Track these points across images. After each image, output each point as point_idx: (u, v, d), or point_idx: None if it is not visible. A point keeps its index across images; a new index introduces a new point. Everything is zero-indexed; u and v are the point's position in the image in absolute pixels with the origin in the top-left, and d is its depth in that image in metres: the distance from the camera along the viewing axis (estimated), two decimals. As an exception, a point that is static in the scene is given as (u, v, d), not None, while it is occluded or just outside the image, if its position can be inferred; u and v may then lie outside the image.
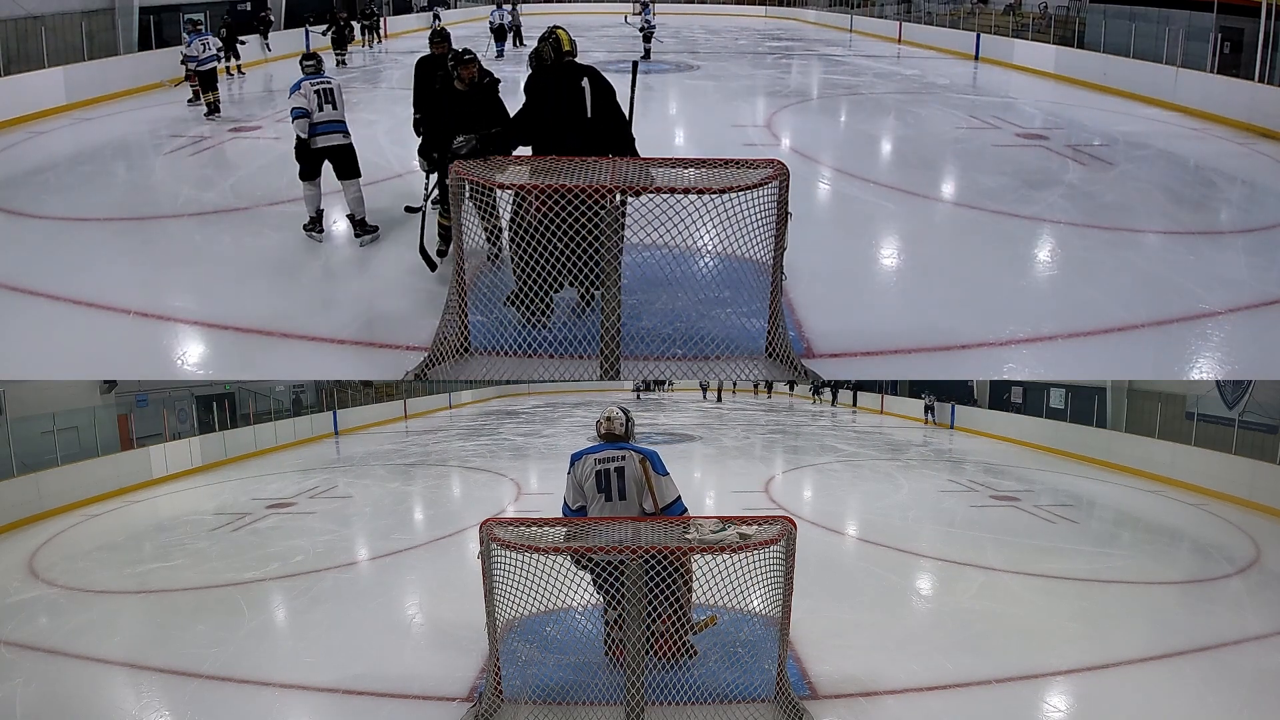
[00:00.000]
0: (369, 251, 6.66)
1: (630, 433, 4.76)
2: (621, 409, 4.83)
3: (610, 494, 4.52)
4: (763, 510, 9.22)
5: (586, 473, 4.56)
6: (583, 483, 4.58)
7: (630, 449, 4.59)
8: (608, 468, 4.53)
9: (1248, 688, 4.96)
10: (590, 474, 4.55)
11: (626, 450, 4.58)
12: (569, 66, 5.05)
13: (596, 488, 4.53)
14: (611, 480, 4.52)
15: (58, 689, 4.98)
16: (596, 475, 4.54)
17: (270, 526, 9.52)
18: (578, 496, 4.60)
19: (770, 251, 4.51)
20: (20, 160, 9.90)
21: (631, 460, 4.53)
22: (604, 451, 4.59)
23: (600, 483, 4.53)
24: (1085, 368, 6.13)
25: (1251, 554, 8.22)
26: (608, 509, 4.52)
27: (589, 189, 4.12)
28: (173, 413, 15.09)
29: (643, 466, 4.50)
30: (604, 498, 4.53)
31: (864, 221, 7.72)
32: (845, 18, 29.86)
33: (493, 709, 4.24)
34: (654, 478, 4.49)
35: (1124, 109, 13.87)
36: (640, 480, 4.51)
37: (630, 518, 4.41)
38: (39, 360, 5.20)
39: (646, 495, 4.49)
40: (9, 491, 10.15)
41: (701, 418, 22.99)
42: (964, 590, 6.91)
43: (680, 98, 14.79)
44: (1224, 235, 7.57)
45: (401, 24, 26.44)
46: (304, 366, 5.48)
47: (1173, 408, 13.71)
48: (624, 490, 4.51)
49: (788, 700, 4.27)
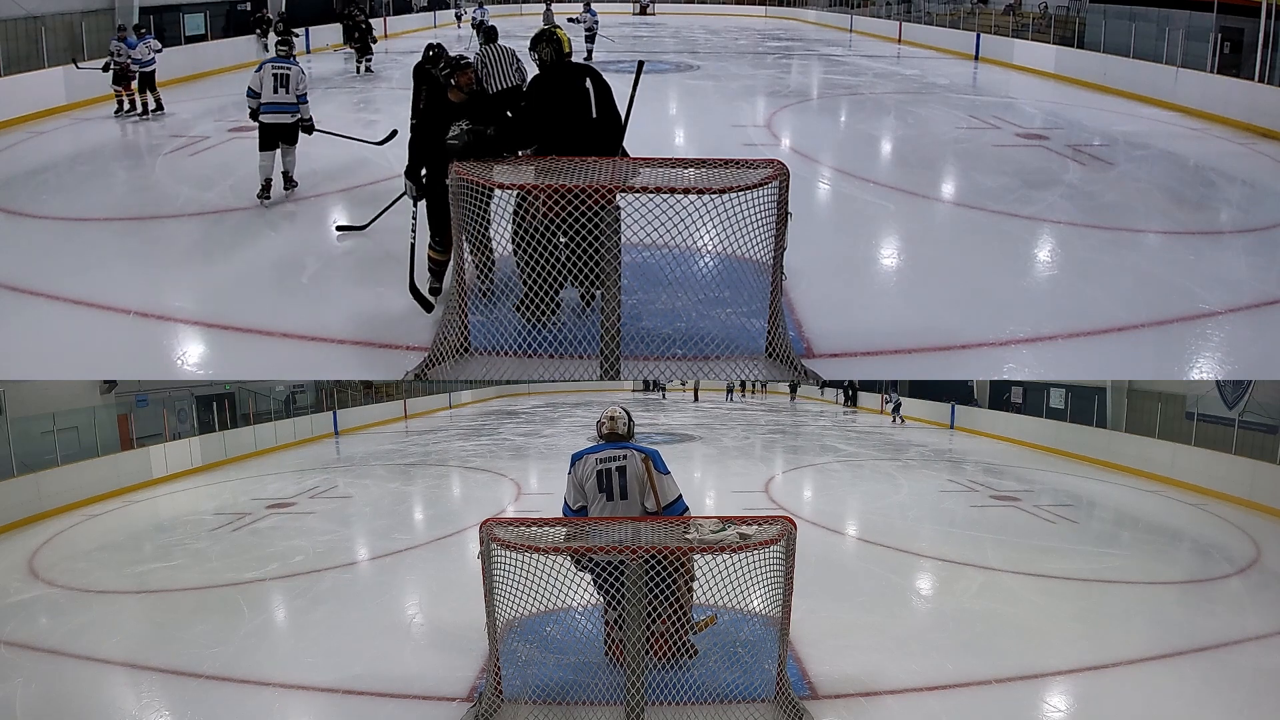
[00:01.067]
0: (369, 252, 6.66)
1: (632, 432, 4.76)
2: (623, 409, 4.83)
3: (612, 493, 4.51)
4: (763, 510, 9.22)
5: (588, 472, 4.56)
6: (583, 482, 4.57)
7: (632, 448, 4.59)
8: (609, 467, 4.53)
9: (1248, 688, 4.96)
10: (591, 473, 4.54)
11: (628, 449, 4.58)
12: (570, 67, 5.05)
13: (598, 487, 4.53)
14: (613, 479, 4.51)
15: (58, 689, 4.98)
16: (598, 475, 4.53)
17: (270, 526, 9.52)
18: (578, 496, 4.60)
19: (770, 251, 4.51)
20: (20, 160, 9.91)
21: (634, 459, 4.53)
22: (605, 451, 4.59)
23: (602, 482, 4.52)
24: (1085, 368, 6.13)
25: (1251, 554, 8.22)
26: (609, 508, 4.51)
27: (596, 189, 4.12)
28: (173, 413, 15.09)
29: (645, 465, 4.50)
30: (605, 497, 4.52)
31: (864, 221, 7.72)
32: (845, 18, 29.86)
33: (493, 709, 4.24)
34: (656, 476, 4.49)
35: (1124, 109, 13.87)
36: (642, 479, 4.50)
37: (632, 517, 4.41)
38: (39, 360, 5.20)
39: (648, 494, 4.48)
40: (9, 491, 10.14)
41: (701, 418, 22.98)
42: (964, 590, 6.91)
43: (680, 98, 14.78)
44: (1224, 235, 7.57)
45: (401, 24, 26.45)
46: (304, 366, 5.48)
47: (1173, 408, 13.71)
48: (625, 489, 4.51)
49: (788, 700, 4.27)
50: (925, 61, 20.20)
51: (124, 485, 12.25)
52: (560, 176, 4.31)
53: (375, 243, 6.84)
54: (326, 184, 8.57)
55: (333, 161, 9.18)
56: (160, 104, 12.67)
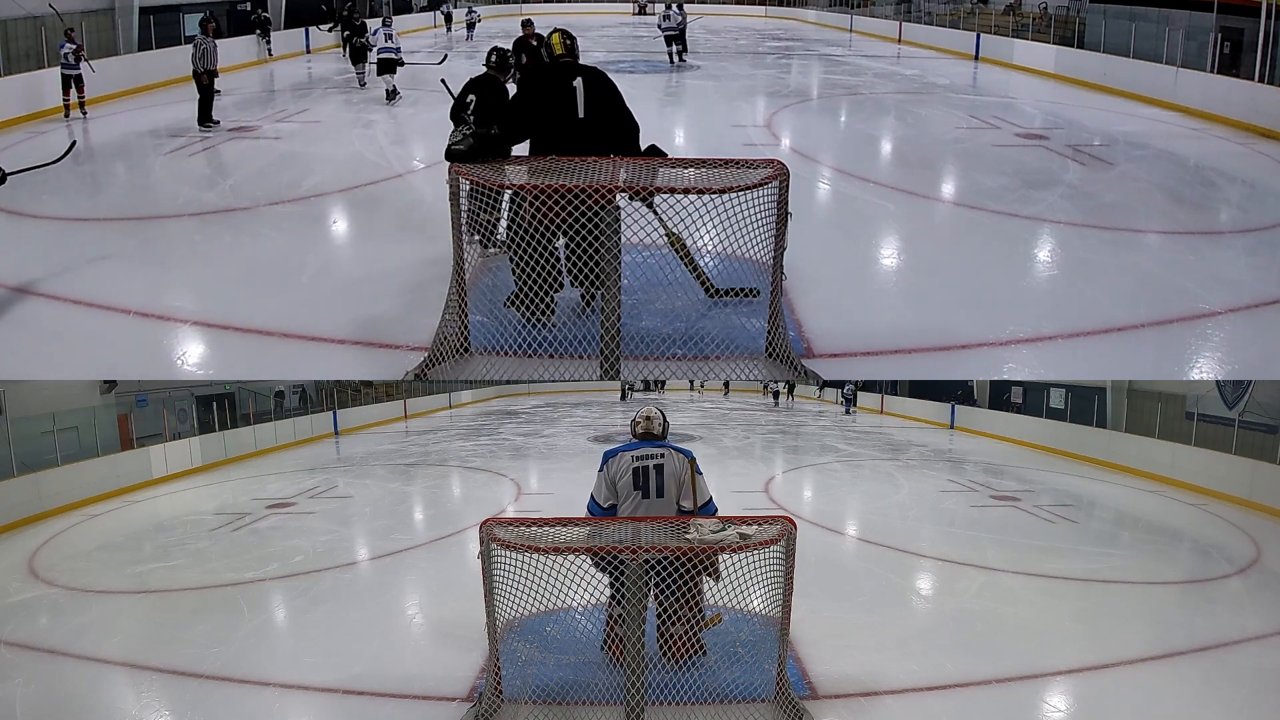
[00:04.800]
0: (369, 252, 6.66)
1: (666, 433, 4.79)
2: (659, 409, 4.86)
3: (648, 491, 4.52)
4: (763, 510, 9.21)
5: (622, 469, 4.55)
6: (617, 480, 4.56)
7: (670, 447, 4.62)
8: (646, 464, 4.54)
9: (1248, 688, 4.96)
10: (627, 470, 4.54)
11: (666, 449, 4.60)
12: (562, 67, 5.03)
13: (633, 484, 4.53)
14: (650, 477, 4.53)
15: (58, 689, 4.97)
16: (634, 472, 4.53)
17: (270, 526, 9.52)
18: (609, 494, 4.59)
19: (770, 251, 4.50)
20: (20, 160, 9.87)
21: (672, 458, 4.56)
22: (642, 449, 4.60)
23: (638, 479, 4.53)
24: (1085, 368, 6.13)
25: (1251, 554, 8.22)
26: (644, 506, 4.52)
27: (582, 189, 4.11)
28: (173, 413, 15.09)
29: (690, 466, 4.56)
30: (640, 494, 4.53)
31: (864, 221, 7.72)
32: (845, 18, 29.85)
33: (493, 709, 4.24)
34: (696, 477, 4.54)
35: (1124, 109, 13.87)
36: (680, 478, 4.54)
37: (666, 517, 4.41)
38: (39, 360, 5.19)
39: (686, 493, 4.52)
40: (9, 491, 10.14)
41: (701, 418, 22.98)
42: (964, 590, 6.91)
43: (680, 98, 14.79)
44: (1224, 235, 7.57)
45: (401, 24, 26.42)
46: (304, 366, 5.47)
47: (1173, 408, 13.71)
48: (662, 487, 4.53)
49: (788, 700, 4.27)
50: (925, 61, 20.20)
51: (124, 485, 12.25)
52: (552, 176, 4.30)
53: (375, 242, 6.84)
54: (327, 184, 8.58)
55: (333, 162, 9.19)
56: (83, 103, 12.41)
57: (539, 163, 4.64)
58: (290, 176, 8.90)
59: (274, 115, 12.31)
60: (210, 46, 11.58)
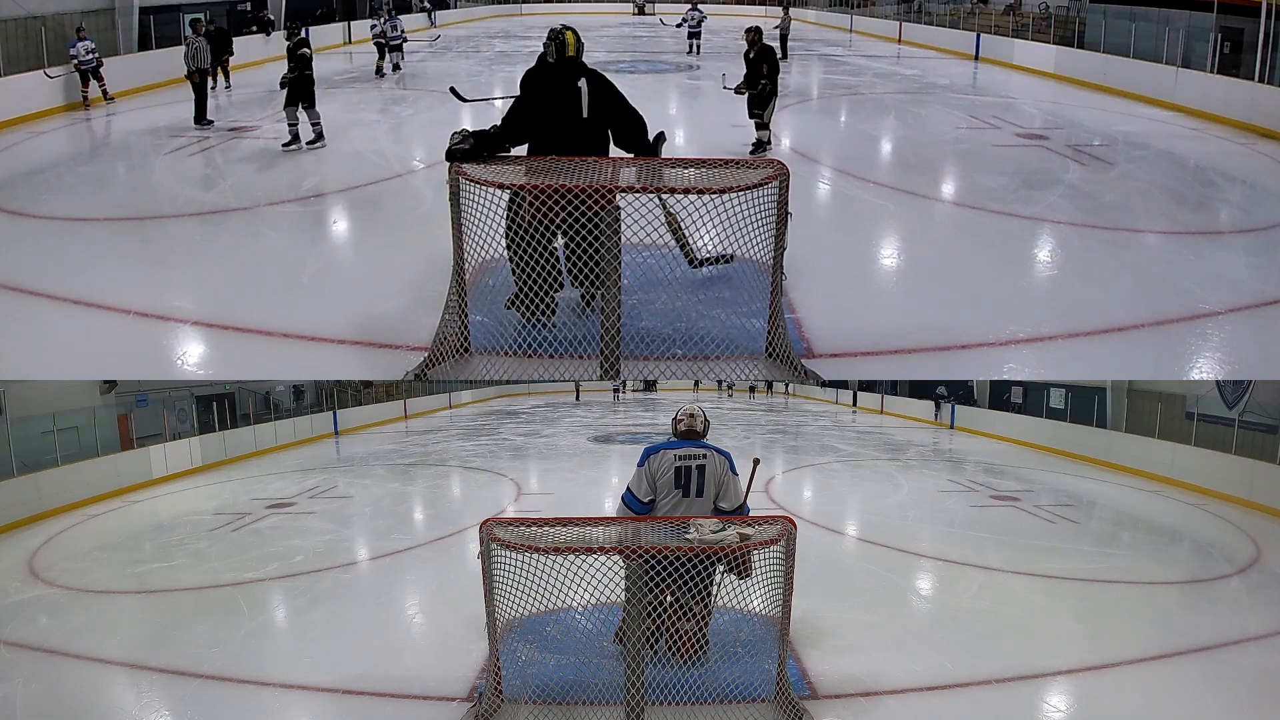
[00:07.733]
0: (369, 252, 6.65)
1: (707, 431, 4.83)
2: (700, 408, 4.90)
3: (689, 490, 4.58)
4: (763, 510, 9.21)
5: (665, 467, 4.60)
6: (657, 477, 4.60)
7: (710, 448, 4.67)
8: (689, 464, 4.59)
9: (1248, 688, 4.97)
10: (670, 469, 4.59)
11: (707, 449, 4.66)
12: (567, 66, 5.02)
13: (674, 483, 4.58)
14: (692, 477, 4.59)
15: (58, 689, 4.98)
16: (676, 471, 4.58)
17: (270, 526, 9.52)
18: (649, 490, 4.62)
19: (770, 251, 4.50)
20: (20, 160, 9.90)
21: (713, 460, 4.62)
22: (684, 449, 4.64)
23: (680, 478, 4.58)
24: (1085, 368, 6.12)
25: (1251, 554, 8.22)
26: (683, 505, 4.57)
27: (582, 189, 4.11)
28: (173, 413, 15.09)
29: (727, 466, 4.65)
30: (681, 493, 4.58)
31: (864, 221, 7.72)
32: (845, 18, 29.83)
33: (493, 709, 4.24)
34: (732, 479, 4.64)
35: (1124, 109, 13.86)
36: (720, 479, 4.61)
37: (704, 516, 4.43)
38: (39, 360, 5.19)
39: (724, 495, 4.61)
40: (9, 491, 10.14)
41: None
42: (964, 590, 6.91)
43: (680, 98, 14.78)
44: (1224, 235, 7.56)
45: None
46: (304, 366, 5.47)
47: (1173, 408, 13.71)
48: (703, 488, 4.59)
49: (788, 700, 4.27)
50: (925, 61, 20.19)
51: (124, 485, 12.25)
52: (551, 176, 4.30)
53: (375, 242, 6.84)
54: (327, 184, 8.58)
55: (333, 162, 9.19)
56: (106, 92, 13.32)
57: (538, 162, 4.64)
58: (290, 176, 8.90)
59: (274, 115, 12.27)
60: (201, 46, 11.72)
